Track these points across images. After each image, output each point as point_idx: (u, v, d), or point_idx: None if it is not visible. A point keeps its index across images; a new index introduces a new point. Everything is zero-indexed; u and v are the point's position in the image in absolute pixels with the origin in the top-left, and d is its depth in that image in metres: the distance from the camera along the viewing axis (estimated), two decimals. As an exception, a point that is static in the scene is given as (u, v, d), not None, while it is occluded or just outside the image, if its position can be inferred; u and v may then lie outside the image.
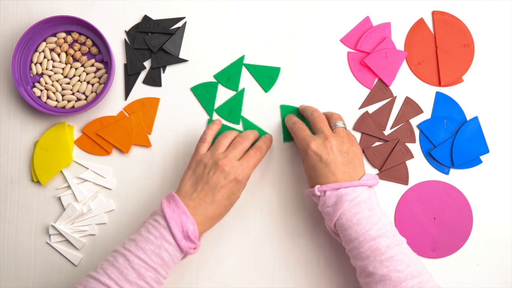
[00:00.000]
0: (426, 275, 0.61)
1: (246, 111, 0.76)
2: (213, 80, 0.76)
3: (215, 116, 0.76)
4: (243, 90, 0.76)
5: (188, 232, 0.62)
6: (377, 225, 0.62)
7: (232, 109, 0.76)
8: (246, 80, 0.77)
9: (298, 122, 0.71)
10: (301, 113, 0.75)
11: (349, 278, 0.72)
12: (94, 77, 0.75)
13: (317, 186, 0.64)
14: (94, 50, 0.75)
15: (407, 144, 0.76)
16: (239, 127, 0.76)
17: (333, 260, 0.73)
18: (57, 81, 0.75)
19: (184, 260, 0.68)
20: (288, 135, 0.75)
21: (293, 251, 0.73)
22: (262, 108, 0.76)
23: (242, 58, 0.76)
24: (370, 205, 0.63)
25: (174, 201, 0.64)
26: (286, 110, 0.76)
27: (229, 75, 0.76)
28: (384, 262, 0.60)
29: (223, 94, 0.76)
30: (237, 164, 0.66)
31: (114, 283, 0.60)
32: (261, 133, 0.75)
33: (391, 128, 0.76)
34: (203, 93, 0.76)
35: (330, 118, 0.70)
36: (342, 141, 0.66)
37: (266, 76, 0.77)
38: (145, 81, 0.76)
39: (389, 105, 0.76)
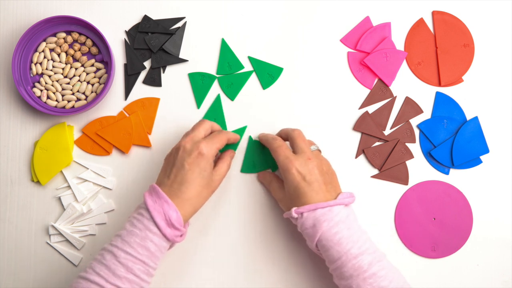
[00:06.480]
0: None
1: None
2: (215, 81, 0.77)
3: (202, 111, 0.76)
4: (218, 98, 0.76)
5: (171, 220, 0.63)
6: (358, 243, 0.62)
7: (217, 119, 0.76)
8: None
9: (278, 138, 0.71)
10: (277, 135, 0.74)
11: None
12: (94, 77, 0.75)
13: (294, 209, 0.64)
14: (94, 50, 0.75)
15: (407, 144, 0.75)
16: None
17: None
18: (57, 81, 0.75)
19: (185, 259, 0.68)
20: (248, 165, 0.75)
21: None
22: (256, 104, 0.76)
23: (250, 72, 0.77)
24: (348, 224, 0.63)
25: (155, 192, 0.64)
26: (250, 140, 0.75)
27: (232, 82, 0.76)
28: (367, 279, 0.60)
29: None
30: (198, 140, 0.66)
31: (104, 280, 0.60)
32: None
33: (391, 128, 0.76)
34: (198, 82, 0.76)
35: None
36: (321, 162, 0.67)
37: (267, 74, 0.77)
38: (145, 81, 0.76)
39: (389, 105, 0.76)
